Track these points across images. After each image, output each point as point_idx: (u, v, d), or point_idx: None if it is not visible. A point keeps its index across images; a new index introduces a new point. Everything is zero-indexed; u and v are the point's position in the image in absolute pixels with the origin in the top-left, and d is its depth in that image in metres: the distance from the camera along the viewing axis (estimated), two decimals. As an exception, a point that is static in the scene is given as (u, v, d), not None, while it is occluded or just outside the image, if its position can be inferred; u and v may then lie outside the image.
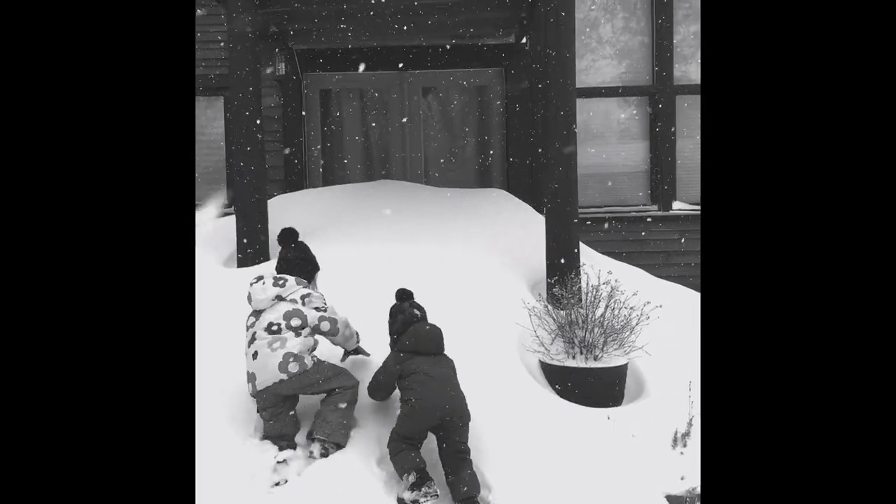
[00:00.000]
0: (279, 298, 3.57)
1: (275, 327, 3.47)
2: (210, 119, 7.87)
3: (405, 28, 6.70)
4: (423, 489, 3.16)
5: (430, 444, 3.37)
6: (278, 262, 3.92)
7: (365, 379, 3.61)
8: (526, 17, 6.81)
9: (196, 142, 7.81)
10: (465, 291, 4.57)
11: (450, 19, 6.56)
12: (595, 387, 4.03)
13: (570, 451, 3.49)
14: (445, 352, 3.58)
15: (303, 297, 3.60)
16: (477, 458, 3.36)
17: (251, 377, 3.44)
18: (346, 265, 4.78)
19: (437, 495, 3.18)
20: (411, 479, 3.20)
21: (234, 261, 5.47)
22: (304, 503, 3.10)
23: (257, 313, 3.58)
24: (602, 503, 3.20)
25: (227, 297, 4.52)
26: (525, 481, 3.26)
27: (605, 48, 7.74)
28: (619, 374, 4.13)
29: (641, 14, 7.71)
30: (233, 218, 5.72)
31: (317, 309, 3.59)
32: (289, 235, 4.05)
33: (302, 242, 4.08)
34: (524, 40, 7.40)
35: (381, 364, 3.59)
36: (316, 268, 3.96)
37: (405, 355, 3.51)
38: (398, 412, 3.43)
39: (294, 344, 3.44)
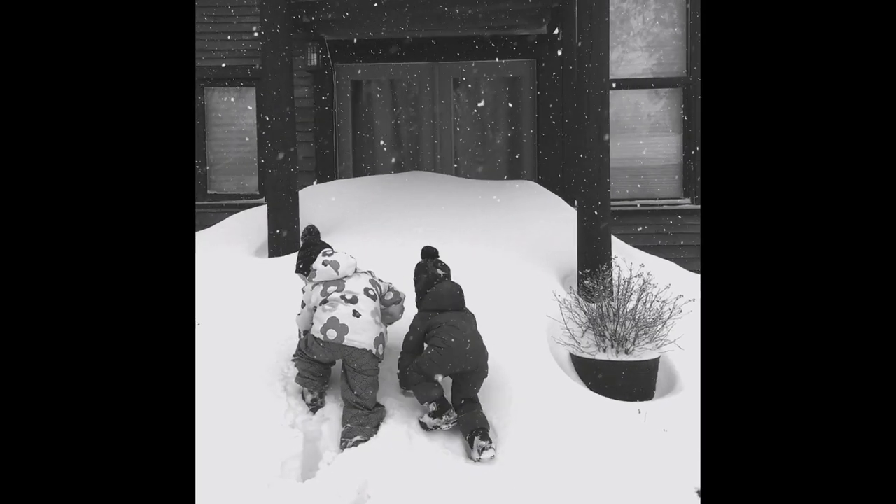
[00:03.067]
0: (356, 270, 3.83)
1: (371, 292, 3.74)
2: (240, 110, 7.91)
3: (436, 19, 6.68)
4: (443, 416, 3.46)
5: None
6: (300, 259, 4.09)
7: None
8: (559, 7, 6.76)
9: (227, 132, 7.88)
10: (496, 283, 4.55)
11: (481, 10, 6.53)
12: (626, 380, 4.00)
13: (600, 444, 3.47)
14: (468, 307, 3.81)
15: (369, 272, 3.90)
16: (506, 449, 3.36)
17: (340, 328, 3.55)
18: (375, 256, 4.78)
19: (457, 422, 3.48)
20: (432, 407, 3.49)
21: (265, 251, 5.51)
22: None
23: (339, 282, 3.72)
24: (632, 497, 3.17)
25: (257, 286, 4.56)
26: (555, 473, 3.25)
27: (637, 40, 7.66)
28: (651, 368, 4.09)
29: (674, 5, 7.61)
30: (263, 208, 5.76)
31: (382, 280, 3.90)
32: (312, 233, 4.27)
33: (313, 227, 4.31)
34: (556, 31, 7.34)
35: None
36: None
37: (427, 314, 3.72)
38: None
39: (384, 329, 3.73)
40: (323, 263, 3.78)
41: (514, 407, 3.63)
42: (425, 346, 3.64)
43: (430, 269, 3.84)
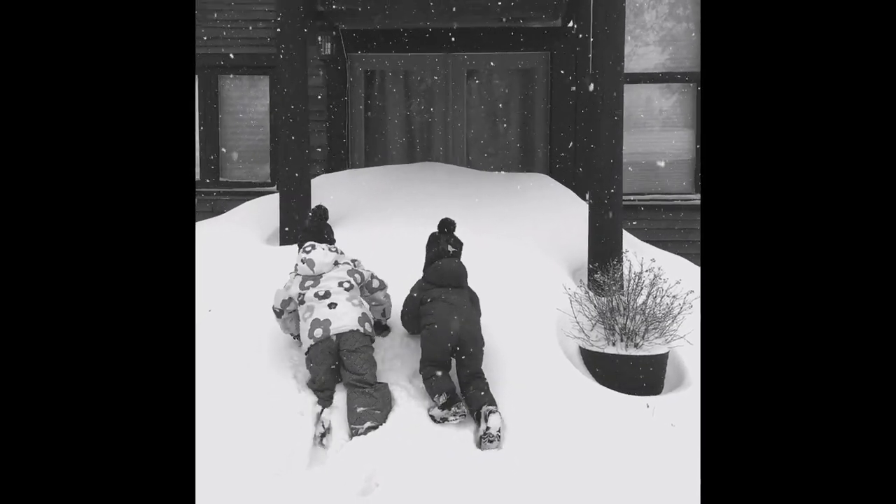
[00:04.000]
0: (336, 263, 3.95)
1: (346, 284, 3.87)
2: (253, 98, 7.92)
3: (451, 10, 6.66)
4: (452, 409, 3.51)
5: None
6: (302, 234, 4.25)
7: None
8: None
9: (240, 120, 7.89)
10: (506, 275, 4.56)
11: (496, 1, 6.51)
12: (635, 375, 4.00)
13: (607, 438, 3.47)
14: (469, 287, 3.96)
15: (353, 261, 4.02)
16: (514, 441, 3.37)
17: (322, 324, 3.73)
18: (386, 246, 4.80)
19: (465, 415, 3.55)
20: (442, 399, 3.54)
21: (277, 238, 5.53)
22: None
23: (316, 277, 3.88)
24: (639, 490, 3.18)
25: (268, 274, 4.57)
26: (562, 465, 3.25)
27: (649, 35, 7.62)
28: (660, 362, 4.09)
29: (688, 0, 7.57)
30: (276, 196, 5.78)
31: (366, 270, 4.02)
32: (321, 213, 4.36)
33: (316, 210, 4.35)
34: (571, 24, 7.31)
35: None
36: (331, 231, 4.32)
37: (427, 285, 3.90)
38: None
39: (366, 309, 3.87)
40: (301, 261, 3.94)
41: (523, 399, 3.64)
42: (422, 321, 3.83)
43: (442, 244, 4.00)
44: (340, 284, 3.85)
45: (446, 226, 4.10)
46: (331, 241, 4.23)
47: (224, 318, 4.14)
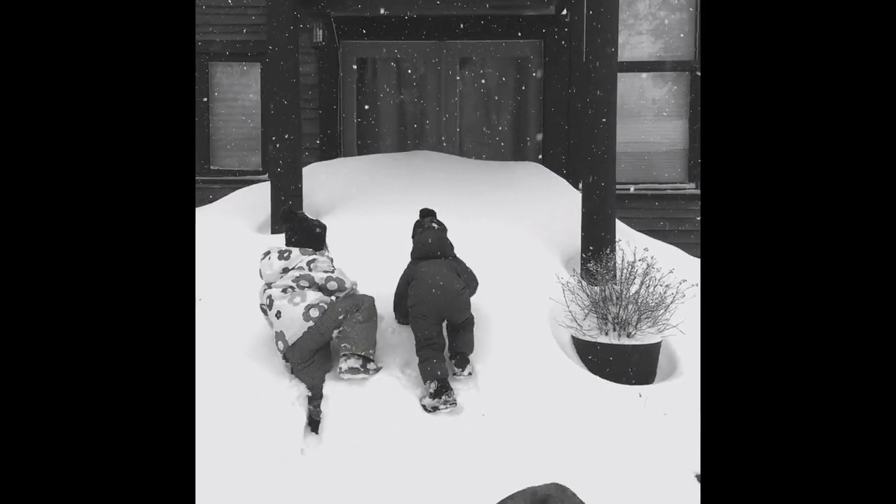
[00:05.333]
0: (285, 270, 3.79)
1: (289, 289, 3.72)
2: (245, 86, 7.87)
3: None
4: (442, 397, 3.50)
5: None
6: (286, 237, 4.06)
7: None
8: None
9: (230, 108, 7.84)
10: (498, 264, 4.54)
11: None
12: (627, 364, 4.00)
13: (600, 427, 3.47)
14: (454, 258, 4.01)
15: (308, 263, 3.82)
16: (505, 430, 3.37)
17: (280, 336, 3.68)
18: (377, 234, 4.78)
19: (456, 404, 3.52)
20: (433, 387, 3.54)
21: (268, 227, 5.49)
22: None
23: (268, 285, 3.80)
24: (631, 480, 3.18)
25: (257, 262, 4.54)
26: (554, 454, 3.25)
27: (642, 24, 7.59)
28: (653, 351, 4.09)
29: (682, -12, 7.55)
30: (267, 184, 5.74)
31: (324, 271, 3.83)
32: (289, 215, 4.10)
33: (299, 215, 4.12)
34: (564, 12, 7.28)
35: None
36: (322, 235, 4.05)
37: (413, 262, 3.97)
38: None
39: (313, 297, 3.70)
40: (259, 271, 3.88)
41: (514, 388, 3.64)
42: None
43: (427, 223, 4.10)
44: (283, 290, 3.73)
45: (427, 213, 4.23)
46: (317, 235, 4.04)
47: (214, 308, 4.12)
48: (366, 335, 3.66)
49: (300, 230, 4.00)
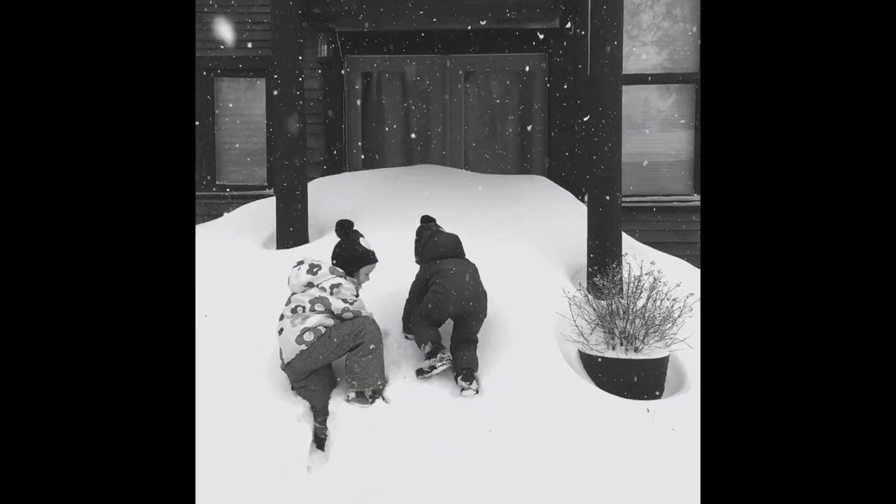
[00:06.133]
0: (310, 285, 3.76)
1: (299, 309, 3.69)
2: (250, 100, 7.90)
3: (448, 11, 6.64)
4: (438, 355, 3.67)
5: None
6: (333, 252, 4.05)
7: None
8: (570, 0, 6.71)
9: (236, 123, 7.86)
10: (504, 278, 4.52)
11: (493, 3, 6.48)
12: (635, 379, 3.97)
13: (607, 442, 3.44)
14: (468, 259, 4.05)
15: (332, 287, 3.75)
16: (516, 450, 3.34)
17: (280, 352, 3.71)
18: (383, 249, 4.76)
19: (451, 360, 3.69)
20: (427, 348, 3.70)
21: (273, 242, 5.49)
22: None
23: (293, 296, 3.79)
24: (639, 496, 3.15)
25: (265, 278, 4.54)
26: (561, 469, 3.23)
27: (647, 35, 7.60)
28: (660, 366, 4.06)
29: (685, 0, 7.55)
30: (272, 199, 5.75)
31: (343, 300, 3.74)
32: (340, 227, 4.10)
33: (352, 234, 4.08)
34: (568, 25, 7.29)
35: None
36: (361, 262, 3.98)
37: (428, 263, 3.98)
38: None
39: (313, 321, 3.65)
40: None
41: (522, 403, 3.61)
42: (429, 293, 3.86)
43: (433, 227, 4.17)
44: (294, 310, 3.71)
45: (429, 219, 4.32)
46: (356, 262, 3.98)
47: (220, 323, 4.11)
48: (372, 369, 3.62)
49: (343, 248, 3.99)
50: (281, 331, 3.69)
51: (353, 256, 3.97)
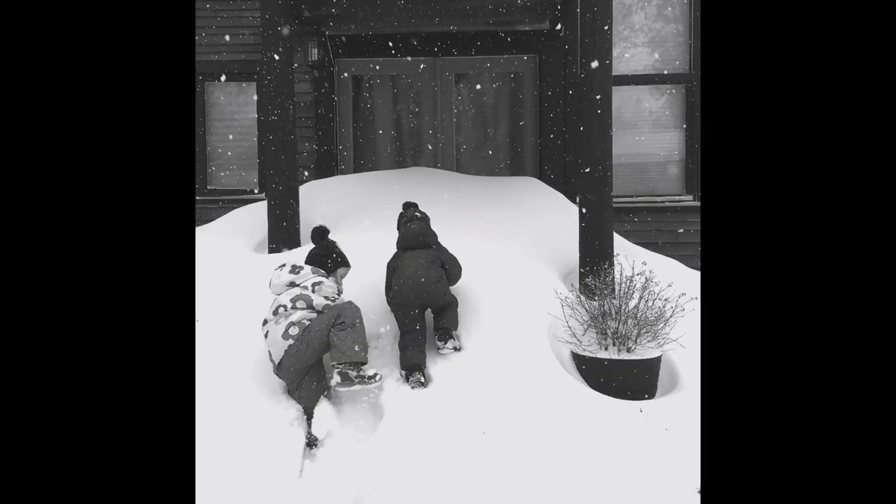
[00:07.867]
0: (292, 284, 3.85)
1: (281, 309, 3.75)
2: (242, 105, 7.88)
3: (439, 14, 6.64)
4: (409, 380, 3.79)
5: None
6: (307, 257, 4.20)
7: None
8: (561, 2, 6.72)
9: (227, 128, 7.84)
10: (497, 280, 4.52)
11: (483, 5, 6.49)
12: (628, 379, 3.97)
13: (600, 443, 3.44)
14: (435, 248, 4.20)
15: (314, 285, 3.85)
16: (509, 451, 3.34)
17: (270, 356, 3.74)
18: (376, 251, 4.76)
19: (424, 385, 3.78)
20: (403, 374, 3.85)
21: (265, 246, 5.48)
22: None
23: (274, 299, 3.85)
24: (632, 496, 3.15)
25: (257, 282, 4.53)
26: (556, 472, 3.22)
27: (638, 36, 7.61)
28: (653, 366, 4.06)
29: (676, 1, 7.56)
30: (264, 203, 5.74)
31: (325, 297, 3.84)
32: (316, 233, 4.29)
33: (329, 241, 4.29)
34: (558, 27, 7.30)
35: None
36: (338, 265, 4.19)
37: (397, 252, 4.18)
38: None
39: (296, 316, 3.71)
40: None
41: (514, 404, 3.61)
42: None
43: (410, 214, 4.28)
44: (276, 311, 3.77)
45: (410, 205, 4.42)
46: (334, 265, 4.16)
47: (212, 328, 4.10)
48: (352, 340, 3.63)
49: (319, 253, 4.13)
50: (267, 334, 3.73)
51: (335, 258, 4.14)
